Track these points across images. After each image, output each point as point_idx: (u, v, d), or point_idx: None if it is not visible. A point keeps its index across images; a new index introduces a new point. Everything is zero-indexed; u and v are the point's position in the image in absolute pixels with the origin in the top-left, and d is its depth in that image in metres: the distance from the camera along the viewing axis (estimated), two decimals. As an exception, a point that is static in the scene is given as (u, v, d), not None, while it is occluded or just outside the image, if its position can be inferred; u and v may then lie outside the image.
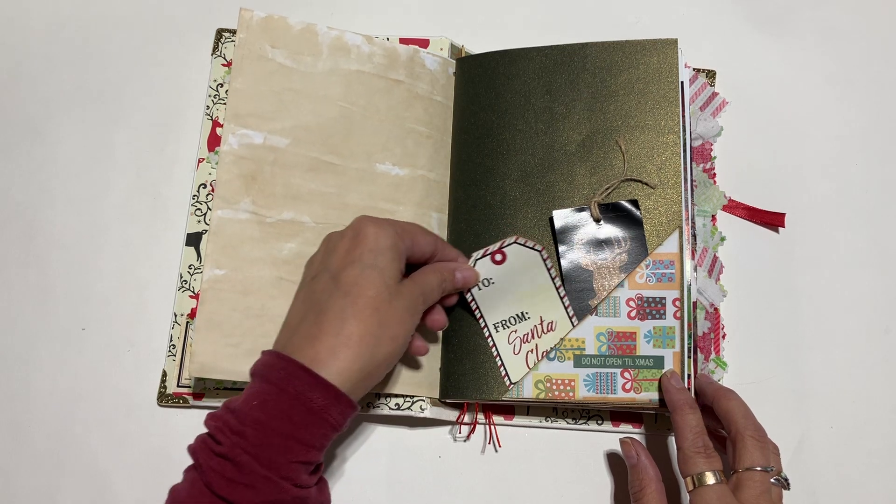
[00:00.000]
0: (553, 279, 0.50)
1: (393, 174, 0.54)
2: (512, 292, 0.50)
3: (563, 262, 0.51)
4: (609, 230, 0.51)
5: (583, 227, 0.51)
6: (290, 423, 0.39)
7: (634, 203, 0.51)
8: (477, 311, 0.50)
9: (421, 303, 0.45)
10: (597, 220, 0.51)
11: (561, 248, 0.51)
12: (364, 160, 0.53)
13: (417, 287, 0.45)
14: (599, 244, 0.51)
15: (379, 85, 0.55)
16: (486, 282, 0.50)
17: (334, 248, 0.44)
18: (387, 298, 0.42)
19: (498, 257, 0.50)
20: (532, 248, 0.50)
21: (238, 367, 0.48)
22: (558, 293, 0.50)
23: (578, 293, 0.50)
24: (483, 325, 0.51)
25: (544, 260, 0.50)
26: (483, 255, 0.50)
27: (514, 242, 0.50)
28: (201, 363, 0.48)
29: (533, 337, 0.50)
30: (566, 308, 0.50)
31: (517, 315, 0.50)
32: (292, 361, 0.40)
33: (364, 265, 0.43)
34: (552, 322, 0.50)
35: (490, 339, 0.50)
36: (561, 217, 0.51)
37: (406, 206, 0.54)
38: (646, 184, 0.51)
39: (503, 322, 0.50)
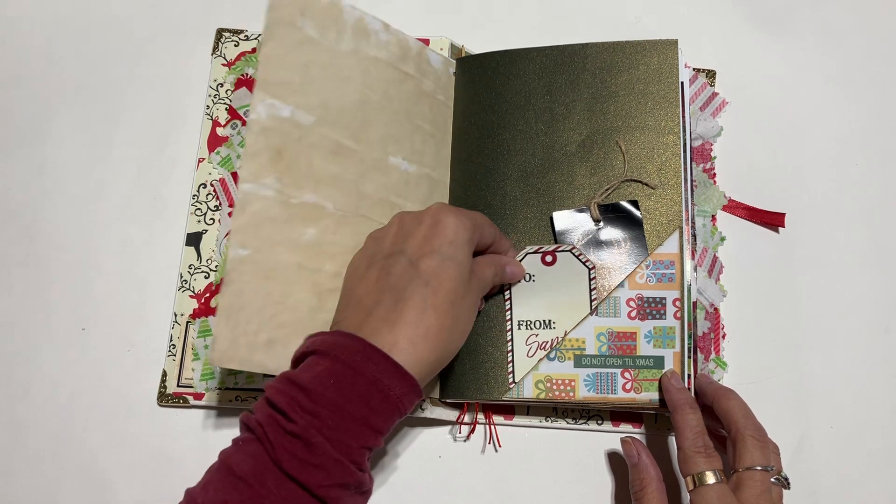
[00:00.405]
0: (591, 300, 0.50)
1: (402, 169, 0.53)
2: (548, 297, 0.50)
3: (565, 261, 0.51)
4: (609, 231, 0.51)
5: (583, 228, 0.51)
6: (367, 407, 0.38)
7: (634, 203, 0.51)
8: (508, 301, 0.50)
9: (481, 298, 0.46)
10: (596, 221, 0.51)
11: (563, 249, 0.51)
12: (380, 150, 0.52)
13: (479, 282, 0.46)
14: (599, 245, 0.51)
15: (393, 76, 0.53)
16: (528, 276, 0.50)
17: (411, 232, 0.44)
18: (462, 293, 0.43)
19: (548, 258, 0.50)
20: (584, 263, 0.50)
21: (256, 357, 0.45)
22: (591, 315, 0.50)
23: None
24: (508, 317, 0.51)
25: (591, 279, 0.50)
26: (535, 252, 0.50)
27: (569, 251, 0.50)
28: (222, 351, 0.44)
29: (551, 347, 0.50)
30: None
31: (544, 321, 0.50)
32: (370, 345, 0.39)
33: (444, 256, 0.43)
34: (574, 341, 0.50)
35: (510, 332, 0.50)
36: (561, 218, 0.51)
37: (413, 203, 0.53)
38: (646, 184, 0.51)
39: (528, 322, 0.50)
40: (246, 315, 0.45)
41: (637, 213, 0.50)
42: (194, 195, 0.58)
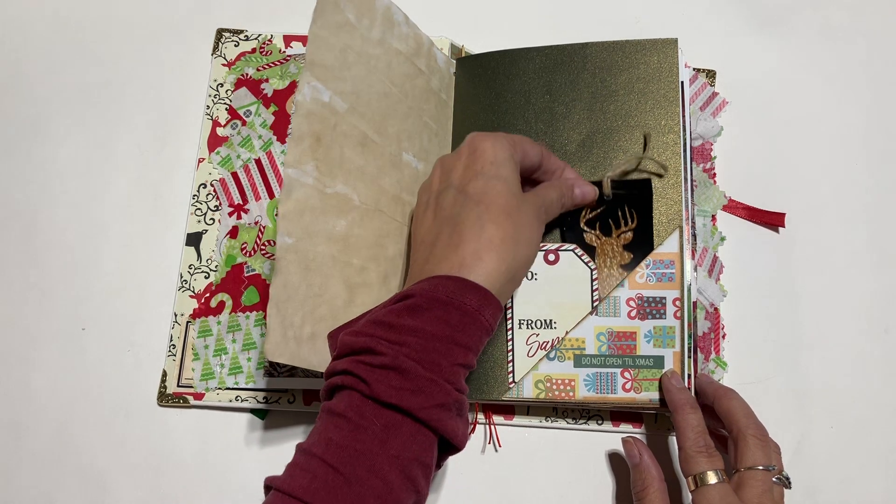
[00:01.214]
0: (593, 301, 0.50)
1: (413, 166, 0.53)
2: (549, 297, 0.50)
3: (568, 236, 0.51)
4: (618, 206, 0.51)
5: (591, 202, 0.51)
6: (449, 326, 0.39)
7: (647, 183, 0.51)
8: (510, 299, 0.50)
9: (543, 213, 0.46)
10: (607, 196, 0.51)
11: (567, 221, 0.51)
12: (395, 145, 0.51)
13: (539, 198, 0.46)
14: (606, 220, 0.51)
15: (410, 70, 0.53)
16: (530, 274, 0.50)
17: (452, 167, 0.45)
18: (516, 205, 0.43)
19: (551, 257, 0.51)
20: (586, 264, 0.50)
21: (302, 352, 0.43)
22: (591, 315, 0.50)
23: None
24: (509, 316, 0.50)
25: (593, 280, 0.50)
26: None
27: (572, 251, 0.50)
28: (275, 343, 0.42)
29: (551, 347, 0.50)
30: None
31: (545, 321, 0.50)
32: (437, 275, 0.40)
33: (488, 176, 0.43)
34: (573, 341, 0.50)
35: (510, 332, 0.50)
36: None
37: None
38: (658, 172, 0.51)
39: (529, 322, 0.50)
40: (292, 307, 0.44)
41: (649, 192, 0.50)
42: (194, 195, 0.58)
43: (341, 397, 0.38)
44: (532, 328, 0.50)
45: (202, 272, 0.56)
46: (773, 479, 0.43)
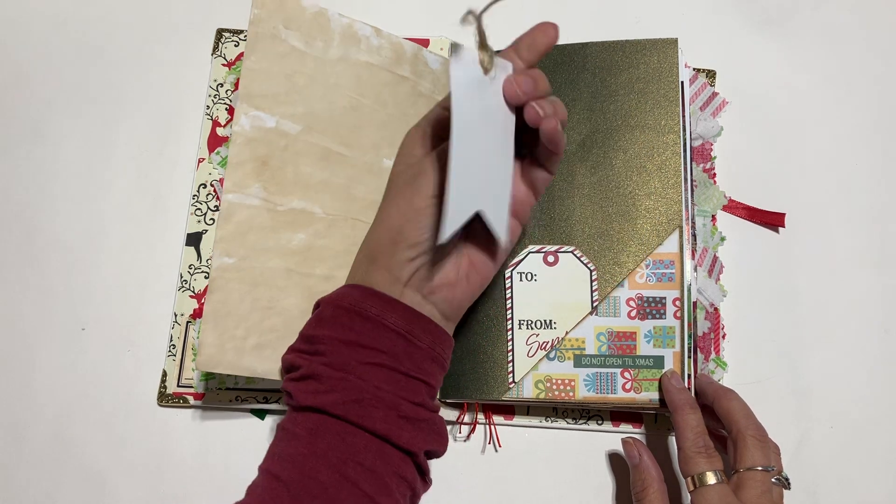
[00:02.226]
0: (593, 301, 0.50)
1: None
2: (549, 297, 0.50)
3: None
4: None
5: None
6: (352, 331, 0.41)
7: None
8: (509, 301, 0.50)
9: (426, 128, 0.46)
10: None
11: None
12: (372, 154, 0.53)
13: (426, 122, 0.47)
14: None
15: (387, 79, 0.54)
16: (529, 275, 0.50)
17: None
18: (408, 181, 0.44)
19: (551, 259, 0.51)
20: (585, 265, 0.50)
21: (244, 361, 0.47)
22: (591, 315, 0.50)
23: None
24: (509, 316, 0.51)
25: (592, 280, 0.50)
26: (537, 251, 0.51)
27: (572, 253, 0.50)
28: (209, 355, 0.46)
29: (551, 347, 0.50)
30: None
31: (545, 321, 0.50)
32: (345, 285, 0.45)
33: (396, 164, 0.48)
34: (573, 341, 0.50)
35: (510, 332, 0.50)
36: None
37: None
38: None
39: (529, 322, 0.50)
40: (233, 321, 0.47)
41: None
42: (194, 195, 0.58)
43: (286, 414, 0.43)
44: (532, 328, 0.50)
45: (202, 272, 0.56)
46: (773, 480, 0.43)
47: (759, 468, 0.43)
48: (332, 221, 0.50)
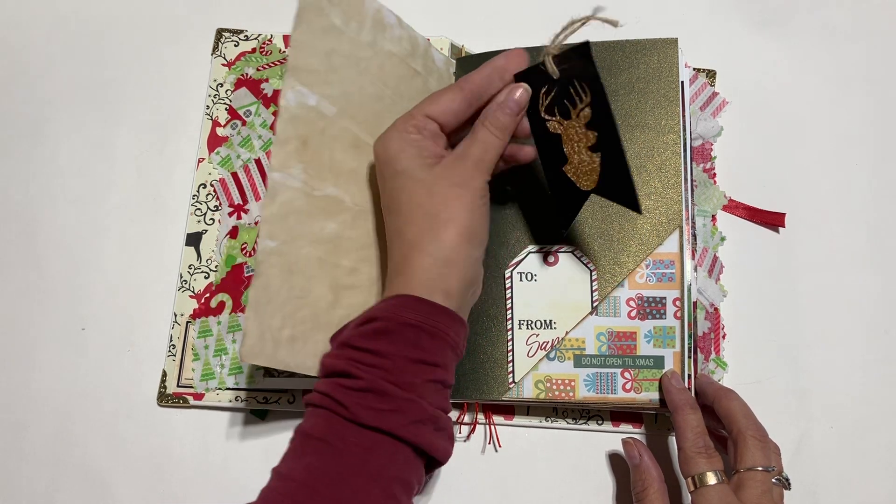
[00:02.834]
0: (593, 301, 0.50)
1: None
2: (549, 297, 0.50)
3: (534, 130, 0.47)
4: (568, 84, 0.45)
5: (543, 89, 0.46)
6: (418, 349, 0.40)
7: (585, 46, 0.44)
8: (509, 301, 0.50)
9: (469, 166, 0.43)
10: (554, 76, 0.45)
11: (528, 114, 0.47)
12: None
13: (460, 158, 0.44)
14: (562, 102, 0.45)
15: (404, 72, 0.53)
16: (529, 275, 0.50)
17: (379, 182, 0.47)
18: (425, 191, 0.43)
19: (551, 258, 0.51)
20: (585, 265, 0.50)
21: (280, 354, 0.44)
22: (591, 315, 0.50)
23: (551, 161, 0.47)
24: (509, 317, 0.50)
25: (592, 280, 0.50)
26: (537, 251, 0.51)
27: (571, 253, 0.50)
28: (250, 346, 0.42)
29: (551, 347, 0.50)
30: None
31: (545, 321, 0.50)
32: (403, 295, 0.41)
33: (387, 178, 0.44)
34: (573, 341, 0.50)
35: (510, 332, 0.50)
36: (522, 77, 0.46)
37: None
38: (608, 21, 0.45)
39: (529, 322, 0.50)
40: (271, 309, 0.44)
41: (591, 54, 0.43)
42: (194, 195, 0.58)
43: (318, 419, 0.39)
44: (532, 328, 0.50)
45: (202, 272, 0.56)
46: (773, 480, 0.43)
47: (760, 468, 0.43)
48: (359, 213, 0.49)
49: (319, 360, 0.43)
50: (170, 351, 0.54)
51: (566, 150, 0.46)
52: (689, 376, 0.48)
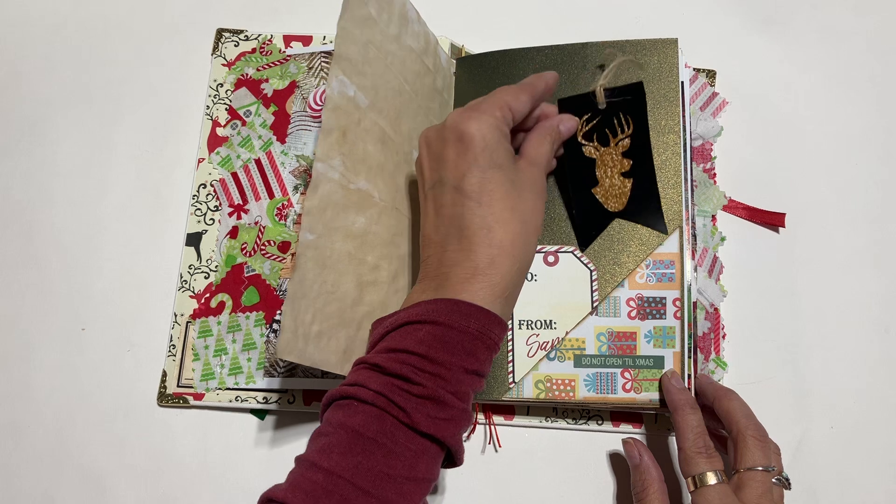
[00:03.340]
0: (593, 301, 0.50)
1: None
2: (549, 297, 0.50)
3: (567, 152, 0.50)
4: (613, 115, 0.50)
5: (586, 114, 0.50)
6: (475, 360, 0.40)
7: (640, 87, 0.50)
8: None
9: (544, 177, 0.46)
10: (601, 105, 0.50)
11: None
12: (408, 143, 0.51)
13: (536, 166, 0.45)
14: (602, 130, 0.50)
15: (419, 68, 0.52)
16: (529, 275, 0.50)
17: (441, 156, 0.44)
18: (517, 193, 0.43)
19: (551, 259, 0.51)
20: (585, 265, 0.50)
21: (308, 350, 0.42)
22: (591, 315, 0.50)
23: (581, 182, 0.50)
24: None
25: (592, 280, 0.50)
26: (537, 252, 0.50)
27: (572, 253, 0.50)
28: (286, 341, 0.41)
29: (551, 348, 0.50)
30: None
31: (545, 321, 0.50)
32: (459, 302, 0.40)
33: (482, 168, 0.42)
34: (574, 341, 0.50)
35: (511, 332, 0.50)
36: (566, 103, 0.51)
37: None
38: (637, 63, 0.51)
39: (529, 322, 0.50)
40: (305, 304, 0.43)
41: (642, 94, 0.50)
42: (194, 195, 0.58)
43: (369, 418, 0.38)
44: (532, 328, 0.50)
45: (202, 272, 0.56)
46: (773, 480, 0.43)
47: (760, 468, 0.43)
48: (384, 209, 0.48)
49: (343, 363, 0.43)
50: (170, 351, 0.54)
51: (598, 173, 0.49)
52: (689, 376, 0.48)
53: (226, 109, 0.60)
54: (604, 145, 0.50)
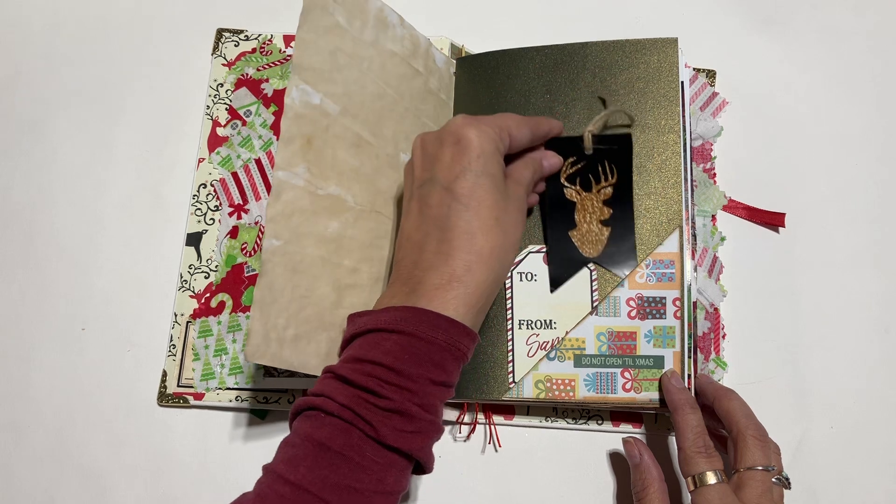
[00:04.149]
0: (593, 301, 0.50)
1: None
2: (549, 297, 0.50)
3: (548, 191, 0.51)
4: (598, 161, 0.51)
5: (572, 157, 0.51)
6: (444, 372, 0.40)
7: (628, 138, 0.51)
8: (509, 300, 0.50)
9: (525, 198, 0.46)
10: (588, 151, 0.51)
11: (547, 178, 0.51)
12: (392, 146, 0.51)
13: (520, 186, 0.46)
14: (586, 175, 0.51)
15: (405, 72, 0.53)
16: (529, 275, 0.50)
17: (436, 156, 0.44)
18: (504, 205, 0.43)
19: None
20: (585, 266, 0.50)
21: (285, 353, 0.43)
22: (591, 315, 0.50)
23: (558, 223, 0.50)
24: (509, 316, 0.50)
25: (592, 280, 0.50)
26: (537, 251, 0.51)
27: None
28: (256, 345, 0.42)
29: (551, 347, 0.50)
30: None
31: (545, 321, 0.50)
32: (431, 313, 0.40)
33: (476, 173, 0.42)
34: (573, 341, 0.50)
35: (510, 332, 0.50)
36: (554, 143, 0.51)
37: None
38: (629, 116, 0.51)
39: (529, 322, 0.50)
40: (276, 309, 0.43)
41: (628, 145, 0.51)
42: (194, 195, 0.58)
43: (335, 431, 0.38)
44: (532, 328, 0.50)
45: (202, 272, 0.56)
46: (773, 480, 0.43)
47: (760, 468, 0.43)
48: (360, 213, 0.49)
49: (326, 365, 0.42)
50: (170, 351, 0.54)
51: (577, 217, 0.50)
52: (689, 376, 0.48)
53: (226, 109, 0.60)
54: (586, 190, 0.50)
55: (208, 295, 0.55)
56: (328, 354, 0.45)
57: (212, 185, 0.58)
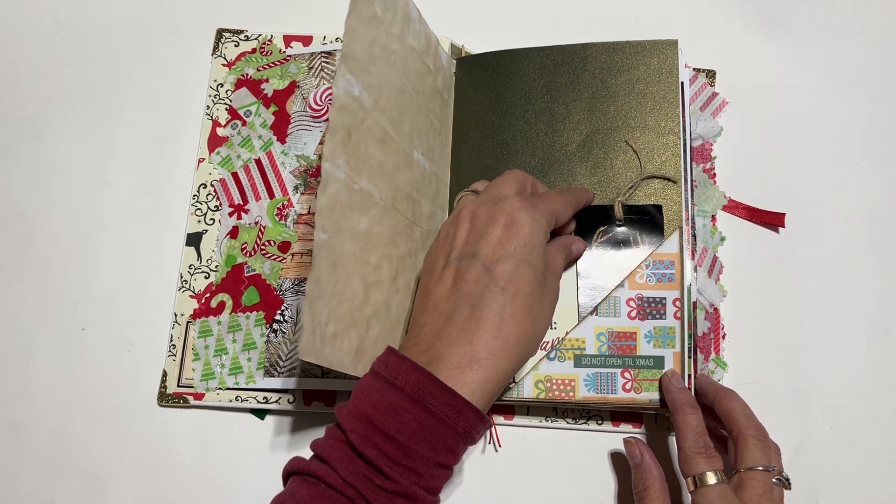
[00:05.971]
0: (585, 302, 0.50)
1: (422, 165, 0.52)
2: None
3: (581, 260, 0.51)
4: (628, 232, 0.51)
5: (602, 225, 0.51)
6: (455, 457, 0.40)
7: (658, 208, 0.51)
8: None
9: (557, 288, 0.46)
10: (619, 221, 0.51)
11: None
12: (409, 143, 0.50)
13: (556, 277, 0.46)
14: (618, 244, 0.51)
15: (420, 68, 0.52)
16: None
17: (484, 233, 0.43)
18: (539, 297, 0.43)
19: None
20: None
21: (325, 351, 0.42)
22: (591, 315, 0.50)
23: (590, 290, 0.50)
24: None
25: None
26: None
27: None
28: (307, 342, 0.40)
29: (551, 347, 0.50)
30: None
31: None
32: (459, 398, 0.39)
33: (519, 261, 0.42)
34: (574, 341, 0.50)
35: None
36: (585, 211, 0.51)
37: (425, 200, 0.52)
38: (668, 179, 0.51)
39: None
40: (321, 305, 0.42)
41: (659, 217, 0.50)
42: (194, 195, 0.58)
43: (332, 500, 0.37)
44: None
45: (202, 272, 0.56)
46: (773, 480, 0.43)
47: (760, 468, 0.43)
48: (384, 209, 0.48)
49: (368, 357, 0.42)
50: (170, 351, 0.54)
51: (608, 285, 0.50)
52: (689, 376, 0.48)
53: (226, 109, 0.60)
54: (615, 261, 0.50)
55: (208, 295, 0.55)
56: (357, 352, 0.44)
57: (212, 186, 0.58)
